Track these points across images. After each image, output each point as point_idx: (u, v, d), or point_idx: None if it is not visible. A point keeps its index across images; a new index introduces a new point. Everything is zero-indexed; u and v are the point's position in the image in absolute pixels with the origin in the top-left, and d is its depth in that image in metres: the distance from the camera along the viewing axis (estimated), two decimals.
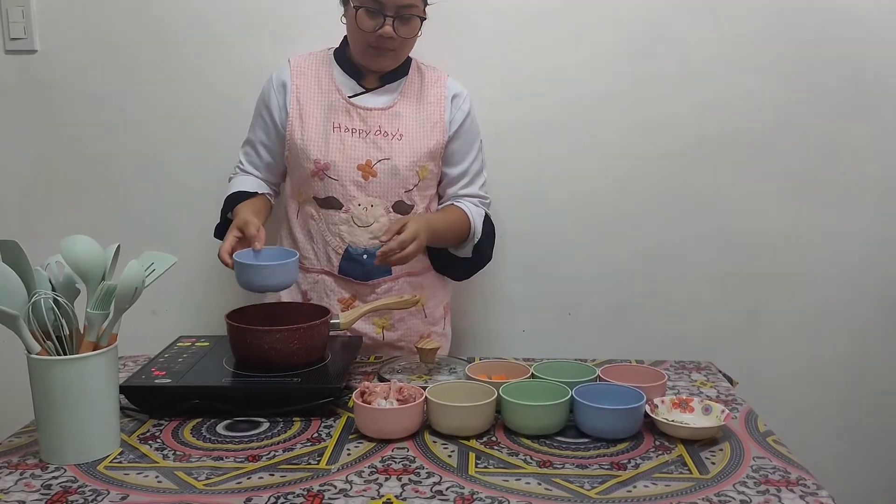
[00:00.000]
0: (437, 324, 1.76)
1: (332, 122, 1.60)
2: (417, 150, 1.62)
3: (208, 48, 1.90)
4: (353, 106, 1.61)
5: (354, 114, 1.61)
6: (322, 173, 1.59)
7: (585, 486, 1.03)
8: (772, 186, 1.95)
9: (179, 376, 1.29)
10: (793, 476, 1.06)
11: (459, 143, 1.68)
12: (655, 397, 1.24)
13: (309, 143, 1.60)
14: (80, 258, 1.09)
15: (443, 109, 1.65)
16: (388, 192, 1.61)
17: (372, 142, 1.60)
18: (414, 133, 1.62)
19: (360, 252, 1.62)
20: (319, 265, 1.65)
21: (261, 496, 1.00)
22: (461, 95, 1.68)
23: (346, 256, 1.62)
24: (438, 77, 1.68)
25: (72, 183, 1.97)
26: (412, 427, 1.18)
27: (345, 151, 1.59)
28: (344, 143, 1.59)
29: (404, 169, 1.61)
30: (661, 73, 1.90)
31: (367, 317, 1.64)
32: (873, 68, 1.89)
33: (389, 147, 1.60)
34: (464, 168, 1.70)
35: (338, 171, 1.59)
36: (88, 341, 1.11)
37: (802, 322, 2.01)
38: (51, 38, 1.91)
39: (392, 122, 1.62)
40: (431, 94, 1.66)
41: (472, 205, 1.71)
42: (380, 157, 1.60)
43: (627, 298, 2.01)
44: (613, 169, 1.95)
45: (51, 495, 1.00)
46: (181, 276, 1.90)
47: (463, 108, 1.68)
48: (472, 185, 1.72)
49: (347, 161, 1.59)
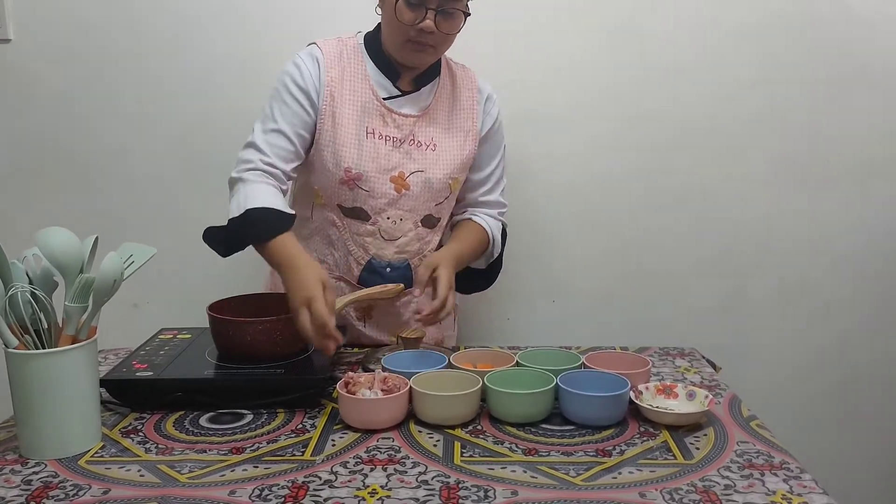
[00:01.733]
0: (450, 327, 1.71)
1: (366, 127, 1.47)
2: (451, 163, 1.53)
3: (184, 37, 1.88)
4: (389, 110, 1.49)
5: (389, 119, 1.49)
6: (353, 182, 1.47)
7: (571, 473, 1.03)
8: (753, 173, 1.96)
9: (161, 369, 1.27)
10: (776, 460, 1.07)
11: (486, 147, 1.60)
12: (640, 384, 1.24)
13: (341, 147, 1.46)
14: (57, 250, 1.07)
15: (475, 116, 1.56)
16: (419, 206, 1.53)
17: (406, 152, 1.49)
18: (447, 143, 1.53)
19: (384, 265, 1.54)
20: (338, 272, 1.57)
21: (245, 488, 0.99)
22: (491, 99, 1.59)
23: (367, 268, 1.54)
24: (469, 78, 1.59)
25: (48, 174, 1.94)
26: (397, 417, 1.17)
27: (378, 161, 1.47)
28: (378, 151, 1.47)
29: (437, 182, 1.52)
30: (643, 65, 1.90)
31: (382, 328, 1.60)
32: (854, 55, 1.91)
33: (423, 158, 1.51)
34: (487, 173, 1.61)
35: (370, 182, 1.47)
36: (67, 335, 1.09)
37: (785, 308, 2.03)
38: (25, 27, 1.88)
39: (425, 131, 1.51)
40: (464, 98, 1.56)
41: (491, 219, 1.62)
42: (413, 170, 1.50)
43: (612, 286, 2.01)
44: (597, 158, 1.95)
45: (31, 491, 0.99)
46: (162, 268, 1.88)
47: (492, 113, 1.59)
48: (493, 192, 1.64)
49: (381, 172, 1.48)
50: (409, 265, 1.57)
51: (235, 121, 1.82)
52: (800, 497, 0.96)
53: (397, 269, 1.55)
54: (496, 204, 1.66)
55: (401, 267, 1.56)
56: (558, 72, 1.91)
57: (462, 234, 1.60)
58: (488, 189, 1.64)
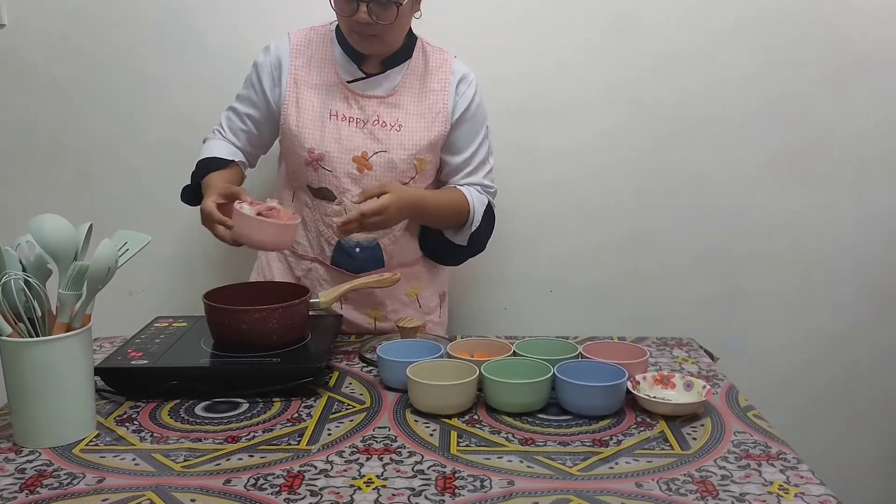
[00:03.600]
0: (433, 313, 1.72)
1: (330, 109, 1.53)
2: (416, 143, 1.54)
3: (179, 25, 1.86)
4: (352, 93, 1.54)
5: (353, 101, 1.53)
6: (316, 163, 1.53)
7: (567, 463, 1.03)
8: (752, 166, 1.95)
9: (156, 357, 1.27)
10: (773, 450, 1.07)
11: (463, 130, 1.59)
12: (637, 374, 1.24)
13: (304, 130, 1.52)
14: (50, 237, 1.07)
15: (446, 98, 1.56)
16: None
17: (369, 132, 1.53)
18: (414, 124, 1.54)
19: (353, 245, 1.57)
20: (313, 253, 1.62)
21: (240, 477, 0.98)
22: (467, 80, 1.58)
23: (338, 248, 1.58)
24: (444, 60, 1.59)
25: (42, 161, 1.93)
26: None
27: (340, 142, 1.52)
28: (340, 132, 1.52)
29: (401, 162, 1.54)
30: (642, 58, 1.89)
31: (360, 307, 1.62)
32: (854, 47, 1.89)
33: (387, 139, 1.53)
34: (467, 156, 1.61)
35: (332, 162, 1.52)
36: (61, 322, 1.08)
37: (781, 298, 2.03)
38: (19, 13, 1.86)
39: (391, 113, 1.54)
40: (435, 81, 1.56)
41: (474, 191, 1.62)
42: (376, 150, 1.53)
43: (609, 276, 2.01)
44: (595, 150, 1.94)
45: (25, 479, 0.98)
46: (157, 256, 1.88)
47: (467, 94, 1.58)
48: (475, 174, 1.63)
49: (342, 152, 1.52)
50: (379, 245, 1.59)
51: None
52: (796, 487, 0.96)
53: (366, 248, 1.57)
54: (479, 185, 1.64)
55: (370, 247, 1.58)
56: (557, 64, 1.89)
57: (438, 192, 1.61)
58: (470, 171, 1.62)
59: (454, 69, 1.59)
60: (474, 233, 1.62)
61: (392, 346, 1.34)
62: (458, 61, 1.60)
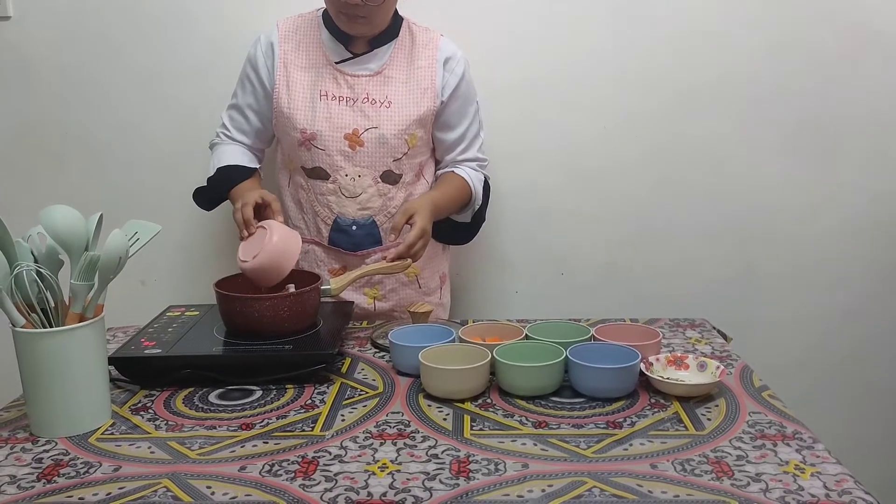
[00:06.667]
0: (433, 294, 1.73)
1: (319, 90, 1.56)
2: (406, 118, 1.57)
3: (187, 14, 1.85)
4: (341, 72, 1.57)
5: (342, 80, 1.56)
6: (308, 143, 1.56)
7: (581, 445, 1.02)
8: (764, 144, 1.93)
9: (169, 346, 1.27)
10: (789, 430, 1.06)
11: (455, 107, 1.63)
12: (650, 355, 1.24)
13: (295, 111, 1.56)
14: (61, 228, 1.07)
15: (434, 74, 1.59)
16: (376, 162, 1.57)
17: (359, 110, 1.56)
18: (403, 100, 1.57)
19: (349, 223, 1.59)
20: (310, 235, 1.64)
21: (255, 464, 0.99)
22: (455, 58, 1.61)
23: (334, 227, 1.60)
24: (430, 39, 1.62)
25: (51, 152, 1.93)
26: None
27: (331, 120, 1.55)
28: (331, 111, 1.55)
29: (392, 138, 1.56)
30: (653, 34, 1.86)
31: (358, 287, 1.63)
32: (868, 23, 1.86)
33: (377, 115, 1.56)
34: (461, 133, 1.65)
35: (324, 140, 1.55)
36: (74, 313, 1.09)
37: (796, 277, 2.01)
38: (25, 4, 1.85)
39: (380, 89, 1.57)
40: (422, 58, 1.59)
41: (471, 170, 1.67)
42: (367, 126, 1.55)
43: (620, 257, 2.00)
44: (606, 131, 1.92)
45: (42, 468, 0.99)
46: (168, 245, 1.88)
47: (456, 72, 1.61)
48: (470, 150, 1.68)
49: (334, 130, 1.55)
50: (375, 222, 1.61)
51: None
52: (813, 467, 0.96)
53: (363, 226, 1.60)
54: (475, 160, 1.70)
55: (366, 224, 1.60)
56: (566, 45, 1.87)
57: (442, 184, 1.65)
58: (465, 147, 1.67)
59: (441, 46, 1.62)
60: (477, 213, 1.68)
61: (404, 331, 1.34)
62: (444, 39, 1.63)
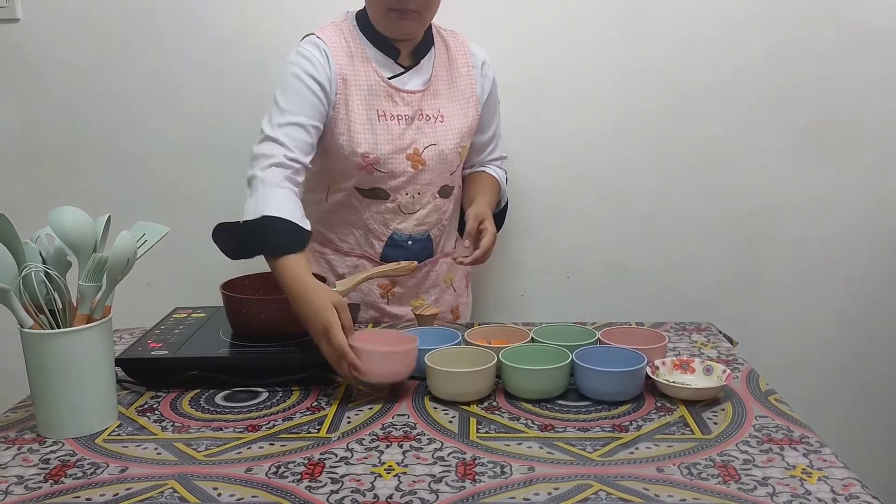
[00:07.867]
0: (463, 294, 1.74)
1: (377, 110, 1.47)
2: (459, 131, 1.54)
3: (197, 16, 1.86)
4: (395, 89, 1.49)
5: (398, 98, 1.49)
6: (371, 167, 1.48)
7: (587, 448, 1.02)
8: (769, 146, 1.92)
9: (176, 348, 1.28)
10: (795, 434, 1.06)
11: (488, 111, 1.63)
12: (656, 359, 1.23)
13: (356, 134, 1.46)
14: (69, 230, 1.07)
15: (473, 82, 1.57)
16: (436, 178, 1.54)
17: (417, 128, 1.50)
18: (452, 112, 1.54)
19: (405, 238, 1.56)
20: (360, 250, 1.58)
21: (261, 466, 0.99)
22: (486, 62, 1.60)
23: (389, 243, 1.56)
24: (460, 43, 1.58)
25: (59, 154, 1.94)
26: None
27: (393, 142, 1.48)
28: (391, 132, 1.48)
29: (450, 152, 1.53)
30: (658, 36, 1.86)
31: (402, 300, 1.61)
32: (874, 24, 1.86)
33: (433, 131, 1.51)
34: (491, 134, 1.67)
35: (388, 164, 1.48)
36: (82, 314, 1.09)
37: (802, 280, 2.01)
38: (33, 7, 1.86)
39: (431, 103, 1.52)
40: (460, 65, 1.56)
41: (498, 168, 1.71)
42: (426, 144, 1.51)
43: (626, 260, 2.00)
44: (612, 134, 1.92)
45: (49, 469, 0.99)
46: (175, 247, 1.87)
47: (489, 76, 1.60)
48: (497, 149, 1.71)
49: (396, 152, 1.48)
50: (430, 236, 1.59)
51: (249, 101, 1.82)
52: (820, 471, 0.96)
53: (418, 241, 1.57)
54: (499, 158, 1.74)
55: (421, 239, 1.58)
56: (573, 49, 1.87)
57: (484, 186, 1.65)
58: (493, 147, 1.70)
59: (473, 51, 1.59)
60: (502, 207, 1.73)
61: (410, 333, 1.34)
62: (470, 42, 1.61)
